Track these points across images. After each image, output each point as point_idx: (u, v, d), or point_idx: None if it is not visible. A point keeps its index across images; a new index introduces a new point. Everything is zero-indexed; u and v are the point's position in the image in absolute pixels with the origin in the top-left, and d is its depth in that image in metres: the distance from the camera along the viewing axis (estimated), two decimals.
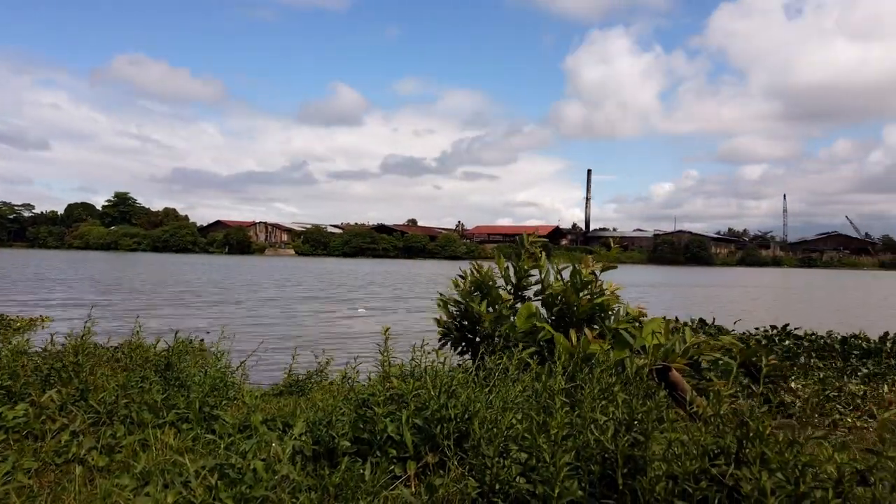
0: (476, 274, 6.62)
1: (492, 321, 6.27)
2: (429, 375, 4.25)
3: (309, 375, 10.14)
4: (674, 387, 5.65)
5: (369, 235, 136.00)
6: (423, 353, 4.77)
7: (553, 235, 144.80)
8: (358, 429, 4.00)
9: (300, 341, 16.23)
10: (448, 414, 3.86)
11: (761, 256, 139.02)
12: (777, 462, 2.88)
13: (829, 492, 2.77)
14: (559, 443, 3.18)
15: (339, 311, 25.42)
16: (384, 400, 4.05)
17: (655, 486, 3.01)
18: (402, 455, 3.81)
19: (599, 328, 6.32)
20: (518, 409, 3.96)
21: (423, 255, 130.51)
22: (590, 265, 6.64)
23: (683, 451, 3.14)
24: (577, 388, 4.28)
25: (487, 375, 4.72)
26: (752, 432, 3.04)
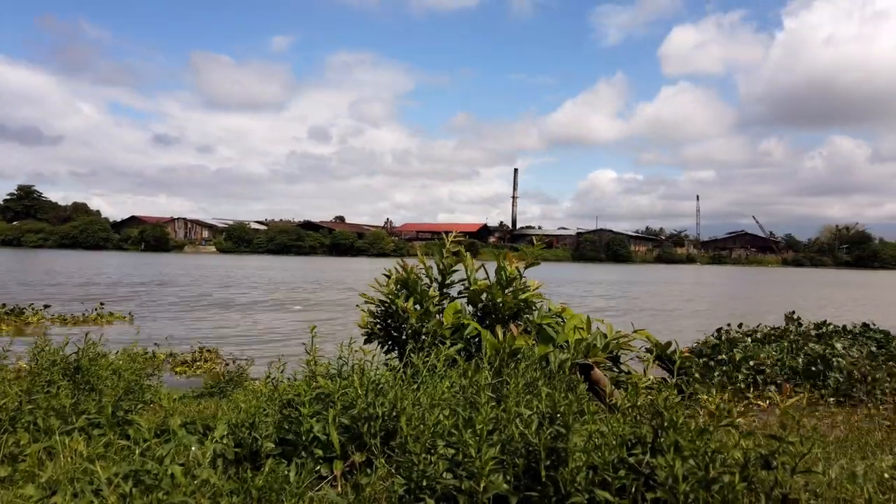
0: (401, 272, 6.61)
1: (418, 318, 6.28)
2: (356, 374, 4.22)
3: (231, 376, 9.85)
4: (595, 381, 5.85)
5: (295, 232, 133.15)
6: (351, 352, 4.72)
7: (481, 233, 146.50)
8: (283, 430, 3.92)
9: (225, 341, 15.75)
10: (375, 412, 3.84)
11: (676, 254, 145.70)
12: (689, 450, 3.03)
13: (736, 476, 2.94)
14: (485, 437, 3.23)
15: (263, 311, 24.81)
16: (310, 400, 3.99)
17: (576, 477, 3.10)
18: (329, 455, 3.77)
19: (525, 324, 6.45)
20: (445, 405, 3.98)
21: (352, 253, 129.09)
22: (514, 262, 6.76)
23: (603, 441, 3.25)
24: (502, 383, 4.35)
25: (415, 373, 4.73)
26: (666, 422, 3.18)
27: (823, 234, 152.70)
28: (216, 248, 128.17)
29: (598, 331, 6.76)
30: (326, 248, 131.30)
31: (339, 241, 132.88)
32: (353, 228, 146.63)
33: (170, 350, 13.07)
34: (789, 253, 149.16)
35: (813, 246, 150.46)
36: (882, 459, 4.55)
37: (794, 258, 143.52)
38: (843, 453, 5.15)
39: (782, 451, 3.02)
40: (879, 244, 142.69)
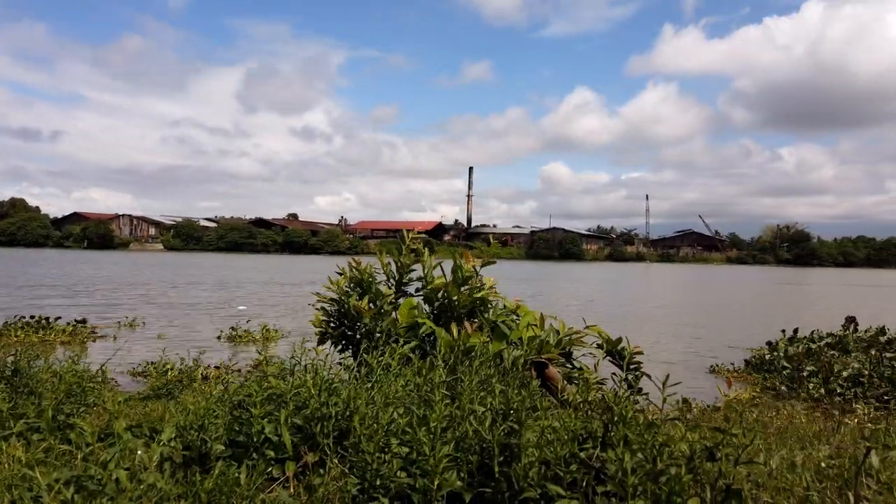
0: (355, 271, 6.57)
1: (372, 317, 6.25)
2: (309, 374, 4.17)
3: (180, 377, 9.59)
4: (548, 377, 5.93)
5: (247, 230, 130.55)
6: (304, 352, 4.66)
7: (436, 231, 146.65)
8: (233, 431, 3.85)
9: (171, 342, 15.32)
10: (329, 412, 3.81)
11: (626, 252, 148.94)
12: (638, 443, 3.10)
13: (683, 468, 3.02)
14: (439, 435, 3.24)
15: (215, 310, 24.24)
16: (262, 400, 3.92)
17: (529, 472, 3.14)
18: (281, 456, 3.71)
19: (480, 321, 6.50)
20: (399, 403, 3.98)
21: (306, 251, 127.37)
22: (470, 260, 6.80)
23: (555, 437, 3.30)
24: (457, 381, 4.37)
25: (369, 372, 4.71)
26: (616, 416, 3.26)
27: (765, 233, 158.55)
28: (164, 245, 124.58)
29: (551, 327, 6.86)
30: (279, 245, 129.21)
31: (292, 238, 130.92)
32: (306, 226, 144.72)
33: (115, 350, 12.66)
34: (733, 251, 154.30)
35: (756, 245, 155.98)
36: (819, 449, 4.76)
37: (737, 256, 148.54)
38: (784, 444, 5.36)
39: (726, 443, 3.13)
40: (818, 243, 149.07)
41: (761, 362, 13.15)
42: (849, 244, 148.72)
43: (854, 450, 4.58)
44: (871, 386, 9.78)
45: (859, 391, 9.62)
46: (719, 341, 18.68)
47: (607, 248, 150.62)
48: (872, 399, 9.30)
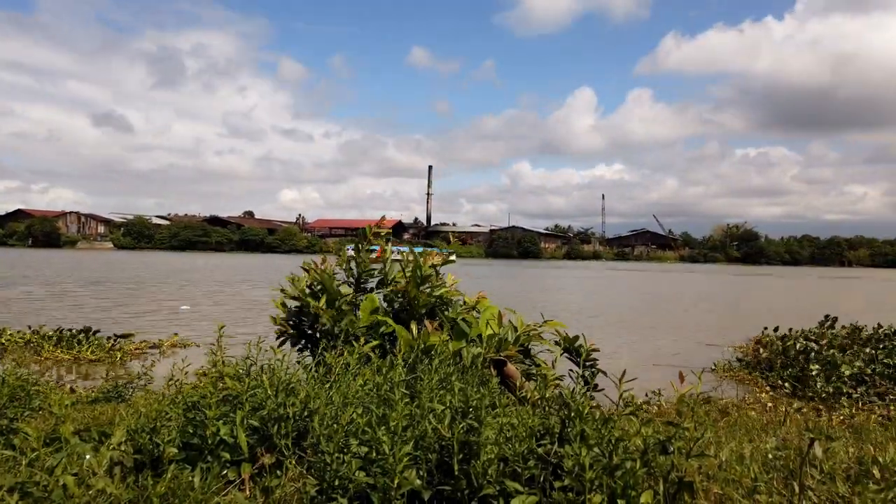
0: (315, 269, 6.50)
1: (332, 317, 6.19)
2: (266, 374, 4.11)
3: (130, 379, 9.33)
4: (507, 375, 5.98)
5: (200, 228, 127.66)
6: (261, 351, 4.59)
7: (396, 230, 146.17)
8: (187, 434, 3.76)
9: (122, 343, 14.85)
10: (286, 413, 3.76)
11: (583, 251, 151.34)
12: (594, 438, 3.16)
13: (637, 462, 3.09)
14: (399, 434, 3.23)
15: (160, 310, 23.58)
16: (217, 402, 3.84)
17: (488, 469, 3.17)
18: (237, 458, 3.65)
19: (440, 319, 6.51)
20: (359, 403, 3.95)
21: (262, 249, 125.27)
22: (430, 259, 6.80)
23: (514, 433, 3.34)
24: (417, 380, 4.37)
25: (328, 372, 4.67)
26: (573, 412, 3.31)
27: (716, 233, 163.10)
28: (113, 243, 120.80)
29: (510, 324, 6.92)
30: (235, 244, 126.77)
31: (248, 237, 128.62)
32: (263, 224, 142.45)
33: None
34: (686, 250, 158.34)
35: (707, 243, 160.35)
36: (766, 441, 4.93)
37: (689, 255, 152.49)
38: (733, 436, 5.53)
39: (678, 437, 3.21)
40: (765, 241, 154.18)
41: (758, 361, 13.01)
42: (794, 243, 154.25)
43: (799, 441, 4.76)
44: (873, 384, 9.74)
45: (862, 390, 9.56)
46: (693, 339, 18.95)
47: (565, 247, 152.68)
48: (875, 397, 9.23)
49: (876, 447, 4.83)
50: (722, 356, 14.64)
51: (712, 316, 27.78)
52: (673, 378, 3.69)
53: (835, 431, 5.65)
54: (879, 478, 3.39)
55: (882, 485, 3.12)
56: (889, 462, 3.65)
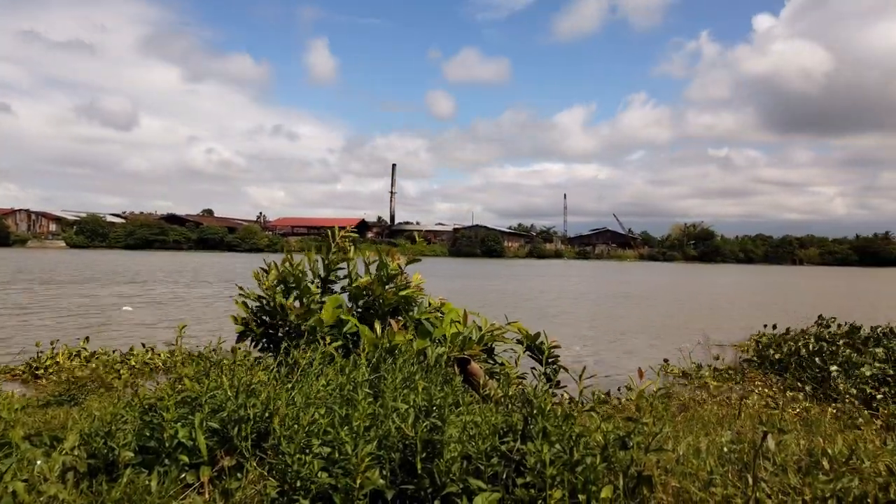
0: (286, 266, 6.41)
1: (299, 315, 6.12)
2: (226, 375, 4.04)
3: (84, 382, 9.06)
4: (471, 373, 6.01)
5: (157, 226, 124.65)
6: (221, 352, 4.51)
7: (359, 228, 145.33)
8: (144, 437, 3.67)
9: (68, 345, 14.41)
10: (247, 414, 3.70)
11: (545, 249, 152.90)
12: (556, 434, 3.20)
13: (598, 457, 3.15)
14: (361, 434, 3.22)
15: (103, 310, 22.88)
16: (175, 404, 3.76)
17: (451, 467, 3.18)
18: (196, 461, 3.57)
19: (404, 319, 6.49)
20: (321, 403, 3.92)
21: (222, 248, 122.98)
22: (397, 258, 6.78)
23: (477, 431, 3.35)
24: (380, 379, 4.36)
25: (290, 371, 4.61)
26: (535, 409, 3.34)
27: (674, 231, 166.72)
28: (66, 243, 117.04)
29: (474, 324, 6.95)
30: (193, 242, 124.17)
31: (207, 235, 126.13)
32: (222, 223, 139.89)
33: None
34: (645, 248, 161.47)
35: (665, 242, 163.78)
36: (722, 435, 5.06)
37: (649, 253, 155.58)
38: (690, 431, 5.66)
39: (637, 432, 3.27)
40: (721, 240, 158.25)
41: (770, 361, 12.65)
42: (749, 242, 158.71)
43: (753, 434, 4.90)
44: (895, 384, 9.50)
45: (885, 390, 9.23)
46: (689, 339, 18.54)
47: (527, 246, 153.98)
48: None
49: (825, 439, 5.01)
50: (721, 355, 14.06)
51: (702, 314, 28.06)
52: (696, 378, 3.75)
53: (787, 424, 5.83)
54: (828, 469, 3.52)
55: (831, 475, 3.24)
56: (837, 453, 3.79)
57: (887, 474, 3.25)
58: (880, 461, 3.71)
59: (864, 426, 6.80)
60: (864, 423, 7.17)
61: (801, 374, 11.24)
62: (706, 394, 9.83)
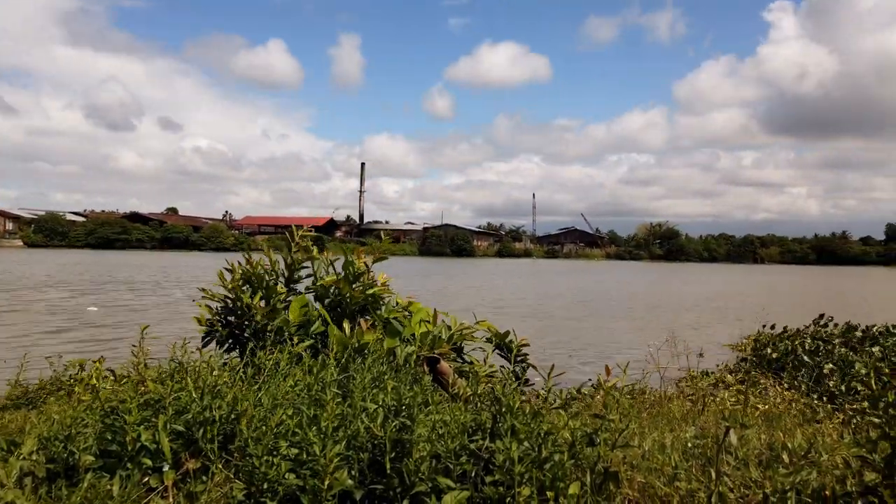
0: (247, 266, 6.32)
1: (265, 315, 6.04)
2: (191, 376, 3.97)
3: (42, 385, 8.82)
4: (440, 372, 6.01)
5: (120, 225, 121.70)
6: (185, 353, 4.43)
7: (327, 227, 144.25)
8: (105, 441, 3.58)
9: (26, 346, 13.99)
10: (212, 416, 3.64)
11: (515, 248, 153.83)
12: (524, 432, 3.22)
13: (565, 454, 3.18)
14: (330, 434, 3.19)
15: (64, 310, 22.30)
16: (138, 406, 3.68)
17: (420, 466, 3.17)
18: (159, 464, 3.51)
19: (373, 318, 6.47)
20: (289, 404, 3.88)
21: (187, 247, 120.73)
22: (363, 257, 6.74)
23: (446, 430, 3.36)
24: (349, 379, 4.33)
25: (257, 372, 4.55)
26: (504, 407, 3.36)
27: (640, 231, 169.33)
28: (23, 241, 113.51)
29: (443, 323, 6.96)
30: (157, 241, 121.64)
31: (171, 234, 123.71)
32: (187, 221, 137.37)
33: None
34: (612, 247, 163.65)
35: (632, 241, 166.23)
36: (686, 430, 5.16)
37: (616, 252, 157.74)
38: (656, 426, 5.75)
39: (604, 429, 3.32)
40: (685, 239, 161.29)
41: (768, 361, 12.68)
42: (712, 241, 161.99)
43: (716, 430, 5.01)
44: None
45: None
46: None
47: (497, 245, 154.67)
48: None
49: (785, 433, 5.15)
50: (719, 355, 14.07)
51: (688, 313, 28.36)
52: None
53: (749, 420, 5.97)
54: (788, 462, 3.61)
55: (790, 468, 3.32)
56: (797, 447, 3.89)
57: (844, 467, 3.35)
58: (837, 454, 3.83)
59: (823, 420, 7.00)
60: (824, 417, 7.37)
61: (796, 374, 11.30)
62: (674, 390, 10.02)
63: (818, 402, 9.03)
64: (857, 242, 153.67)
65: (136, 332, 4.38)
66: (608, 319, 25.10)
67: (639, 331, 20.48)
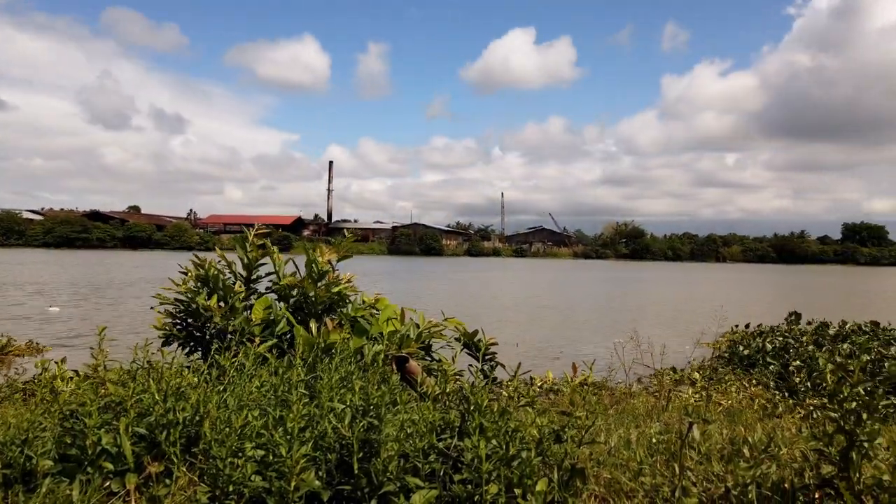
0: (199, 268, 6.19)
1: (223, 316, 5.94)
2: (153, 378, 3.88)
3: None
4: (409, 371, 6.00)
5: (80, 223, 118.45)
6: (147, 354, 4.33)
7: (295, 226, 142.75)
8: (64, 445, 3.49)
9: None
10: (175, 418, 3.57)
11: (484, 247, 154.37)
12: (492, 430, 3.23)
13: (533, 451, 3.20)
14: (296, 435, 3.16)
15: (24, 311, 21.66)
16: (98, 409, 3.59)
17: (388, 466, 3.16)
18: (121, 468, 3.43)
19: (339, 317, 6.42)
20: (255, 405, 3.83)
21: (150, 246, 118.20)
22: (326, 255, 6.68)
23: (414, 429, 3.35)
24: (317, 379, 4.29)
25: (221, 374, 4.48)
26: (472, 406, 3.37)
27: (606, 230, 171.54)
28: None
29: (412, 321, 6.94)
30: (119, 240, 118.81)
31: (134, 233, 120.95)
32: (150, 220, 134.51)
33: None
34: (579, 246, 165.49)
35: (598, 240, 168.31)
36: (651, 426, 5.24)
37: (583, 251, 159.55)
38: (622, 423, 5.84)
39: (571, 426, 3.35)
40: (650, 239, 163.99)
41: (739, 358, 12.91)
42: (676, 240, 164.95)
43: (680, 425, 5.11)
44: (860, 380, 9.94)
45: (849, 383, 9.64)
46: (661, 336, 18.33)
47: (466, 244, 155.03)
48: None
49: (746, 428, 5.28)
50: (693, 353, 14.12)
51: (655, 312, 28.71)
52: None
53: (712, 415, 6.10)
54: (749, 456, 3.70)
55: (751, 462, 3.41)
56: (757, 441, 3.99)
57: (802, 460, 3.44)
58: (796, 448, 3.94)
59: (783, 415, 7.19)
60: (784, 412, 7.57)
61: (765, 371, 11.58)
62: (639, 386, 10.17)
63: (780, 398, 9.28)
64: (815, 241, 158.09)
65: (97, 333, 4.26)
66: (569, 316, 25.39)
67: (605, 330, 20.75)
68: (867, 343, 11.95)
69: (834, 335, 14.43)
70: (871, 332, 14.71)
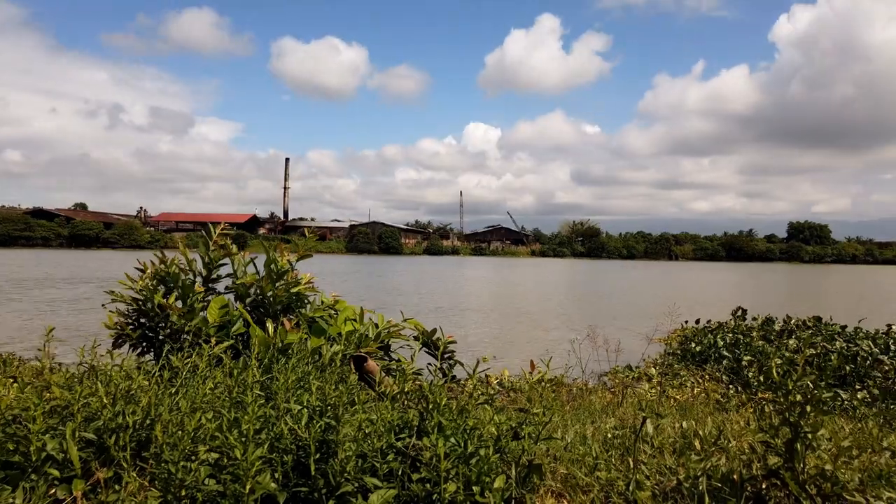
0: (160, 265, 6.04)
1: (181, 315, 5.80)
2: (101, 381, 3.76)
3: None
4: (367, 371, 5.97)
5: (22, 221, 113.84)
6: (95, 356, 4.19)
7: (250, 224, 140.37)
8: (6, 451, 3.35)
9: None
10: (125, 422, 3.46)
11: (442, 246, 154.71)
12: (451, 428, 3.25)
13: (491, 449, 3.22)
14: (252, 437, 3.10)
15: None
16: (43, 413, 3.46)
17: (346, 466, 3.14)
18: (68, 475, 3.31)
19: (297, 318, 6.33)
20: (209, 408, 3.74)
21: (97, 245, 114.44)
22: (287, 255, 6.59)
23: (373, 429, 3.33)
24: (273, 380, 4.22)
25: (174, 376, 4.37)
26: (430, 404, 3.37)
27: (563, 229, 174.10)
28: None
29: (370, 321, 6.90)
30: (65, 239, 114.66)
31: (80, 231, 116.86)
32: (98, 218, 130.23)
33: None
34: (537, 245, 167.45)
35: (555, 239, 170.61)
36: (606, 422, 5.34)
37: (540, 250, 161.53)
38: (578, 419, 5.93)
39: (528, 423, 3.39)
40: (606, 237, 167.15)
41: (692, 353, 13.07)
42: (631, 239, 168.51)
43: (634, 420, 5.22)
44: (804, 374, 10.30)
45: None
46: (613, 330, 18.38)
47: (425, 242, 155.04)
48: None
49: (697, 422, 5.42)
50: (645, 348, 14.36)
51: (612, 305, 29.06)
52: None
53: (665, 410, 6.24)
54: (700, 449, 3.80)
55: (702, 455, 3.50)
56: (708, 434, 4.11)
57: (750, 452, 3.56)
58: (744, 440, 4.07)
59: (732, 409, 7.42)
60: (736, 405, 7.80)
61: (717, 366, 11.89)
62: (596, 383, 10.35)
63: (732, 392, 9.57)
64: (762, 240, 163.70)
65: (42, 334, 4.11)
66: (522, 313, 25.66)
67: (562, 326, 21.04)
68: (810, 339, 12.47)
69: (780, 331, 14.92)
70: (813, 327, 15.29)
